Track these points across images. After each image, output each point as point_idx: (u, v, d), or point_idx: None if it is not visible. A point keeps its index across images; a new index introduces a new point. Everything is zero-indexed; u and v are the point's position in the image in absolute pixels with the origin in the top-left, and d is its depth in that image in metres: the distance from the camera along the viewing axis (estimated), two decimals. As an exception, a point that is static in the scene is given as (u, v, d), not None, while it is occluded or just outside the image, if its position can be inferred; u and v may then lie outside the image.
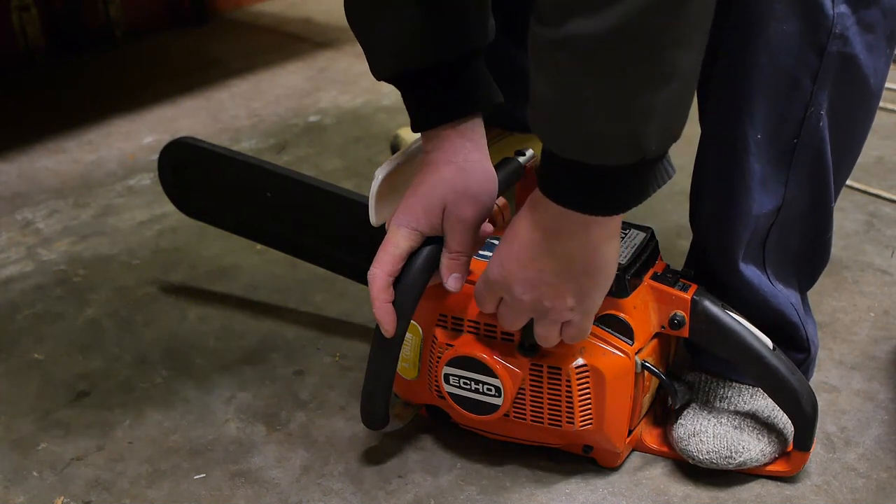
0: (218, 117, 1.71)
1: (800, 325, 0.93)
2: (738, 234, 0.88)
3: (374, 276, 0.83)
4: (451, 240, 0.83)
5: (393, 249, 0.83)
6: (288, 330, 1.14)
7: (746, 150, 0.84)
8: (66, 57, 1.97)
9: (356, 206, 1.01)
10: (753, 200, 0.86)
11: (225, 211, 1.13)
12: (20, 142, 1.63)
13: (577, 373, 0.84)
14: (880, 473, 0.90)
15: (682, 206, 1.37)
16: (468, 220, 0.82)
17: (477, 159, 0.84)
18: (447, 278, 0.84)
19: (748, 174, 0.85)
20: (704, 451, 0.88)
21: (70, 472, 0.95)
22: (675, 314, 0.87)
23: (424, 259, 0.84)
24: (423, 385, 0.92)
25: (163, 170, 1.15)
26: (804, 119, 0.83)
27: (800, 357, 0.95)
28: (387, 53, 0.84)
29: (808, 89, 0.82)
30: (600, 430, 0.86)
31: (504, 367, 0.85)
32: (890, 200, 1.34)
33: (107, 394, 1.05)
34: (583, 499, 0.89)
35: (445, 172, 0.83)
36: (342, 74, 1.86)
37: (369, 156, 1.54)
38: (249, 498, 0.91)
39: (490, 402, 0.86)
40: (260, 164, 1.08)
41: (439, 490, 0.91)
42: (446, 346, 0.88)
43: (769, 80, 0.82)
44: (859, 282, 1.18)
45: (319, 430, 0.99)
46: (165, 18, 2.12)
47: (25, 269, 1.28)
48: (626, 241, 0.89)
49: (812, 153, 0.85)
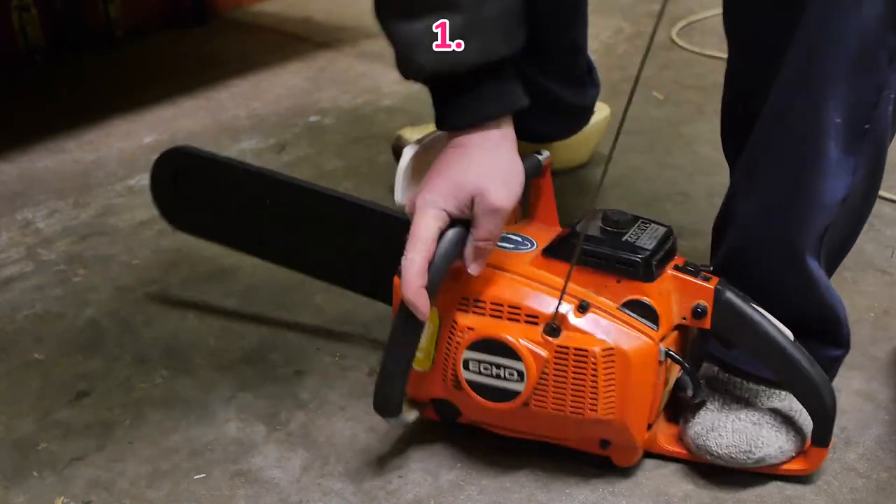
0: (218, 117, 1.71)
1: (843, 320, 0.93)
2: (808, 228, 0.86)
3: (411, 262, 0.81)
4: (481, 227, 0.82)
5: (425, 233, 0.82)
6: (288, 330, 1.14)
7: (826, 135, 0.82)
8: (66, 57, 1.97)
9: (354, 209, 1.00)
10: (828, 189, 0.84)
11: (222, 223, 1.11)
12: (20, 142, 1.63)
13: (603, 356, 0.83)
14: (880, 473, 0.90)
15: (682, 205, 1.37)
16: (501, 208, 0.82)
17: (507, 146, 0.83)
18: (471, 265, 0.84)
19: (825, 160, 0.83)
20: (724, 446, 0.88)
21: (70, 472, 0.95)
22: (697, 304, 0.86)
23: (452, 244, 0.83)
24: (437, 376, 0.90)
25: (157, 183, 1.13)
26: (877, 103, 0.82)
27: (837, 354, 0.94)
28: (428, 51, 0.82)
29: (885, 71, 0.81)
30: (622, 420, 0.85)
31: (529, 350, 0.84)
32: (890, 200, 1.34)
33: (107, 394, 1.05)
34: (582, 498, 0.89)
35: (476, 156, 0.82)
36: (342, 74, 1.86)
37: (369, 156, 1.54)
38: (249, 498, 0.91)
39: (511, 388, 0.85)
40: (258, 171, 1.07)
41: (439, 490, 0.91)
42: (468, 330, 0.86)
43: (853, 62, 0.80)
44: (859, 282, 1.18)
45: (319, 430, 0.99)
46: (165, 18, 2.12)
47: (25, 269, 1.28)
48: (649, 232, 0.89)
49: (878, 140, 0.84)
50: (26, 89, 1.86)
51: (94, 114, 1.72)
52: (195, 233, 1.14)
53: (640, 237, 0.88)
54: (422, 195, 0.83)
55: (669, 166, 1.46)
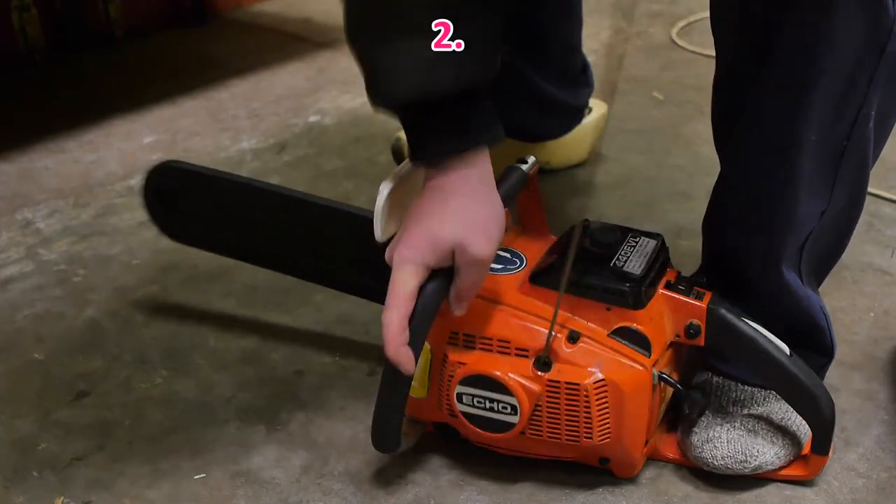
0: (218, 117, 1.71)
1: (826, 328, 0.93)
2: (784, 239, 0.86)
3: (389, 321, 0.79)
4: (464, 278, 0.81)
5: (402, 289, 0.79)
6: (288, 330, 1.14)
7: (800, 151, 0.82)
8: (66, 57, 1.97)
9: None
10: (802, 203, 0.84)
11: (217, 232, 1.10)
12: (20, 142, 1.63)
13: (595, 388, 0.82)
14: (880, 473, 0.90)
15: (683, 205, 1.37)
16: (483, 259, 0.80)
17: (485, 190, 0.81)
18: (456, 309, 0.82)
19: (799, 176, 0.83)
20: (719, 458, 0.88)
21: (70, 472, 0.95)
22: (690, 323, 0.86)
23: (433, 299, 0.81)
24: (433, 403, 0.90)
25: (148, 195, 1.12)
26: (856, 120, 0.82)
27: (823, 360, 0.94)
28: (407, 76, 0.77)
29: (864, 90, 0.80)
30: (619, 444, 0.85)
31: (520, 385, 0.83)
32: (890, 200, 1.34)
33: (107, 394, 1.05)
34: (582, 499, 0.89)
35: (454, 203, 0.79)
36: (342, 74, 1.86)
37: (369, 156, 1.54)
38: (249, 498, 0.91)
39: (506, 420, 0.84)
40: (248, 182, 1.07)
41: (439, 490, 0.91)
42: (458, 365, 0.85)
43: (830, 80, 0.79)
44: (859, 282, 1.18)
45: (319, 430, 0.99)
46: (165, 18, 2.12)
47: (25, 269, 1.28)
48: (638, 249, 0.87)
49: (859, 155, 0.84)
50: (26, 89, 1.86)
51: (94, 114, 1.72)
52: (191, 244, 1.14)
53: (629, 258, 0.86)
54: (399, 250, 0.80)
55: (669, 166, 1.46)
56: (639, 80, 1.76)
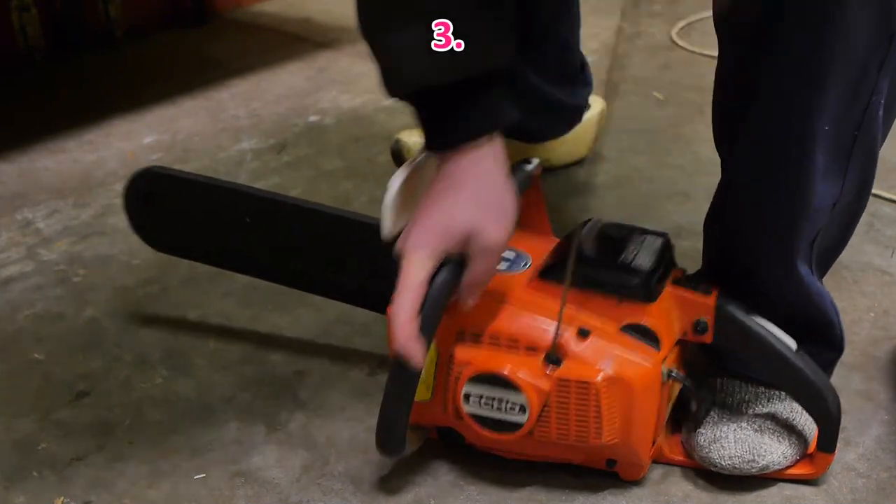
0: (218, 117, 1.71)
1: (837, 323, 0.92)
2: (799, 233, 0.86)
3: (398, 311, 0.77)
4: (477, 266, 0.79)
5: (414, 277, 0.77)
6: (288, 330, 1.14)
7: (813, 141, 0.81)
8: (66, 57, 1.97)
9: None
10: (816, 195, 0.83)
11: (202, 241, 1.09)
12: (20, 142, 1.63)
13: (605, 385, 0.81)
14: (880, 473, 0.90)
15: (683, 205, 1.37)
16: (496, 246, 0.79)
17: (499, 177, 0.79)
18: (466, 300, 0.81)
19: (813, 167, 0.82)
20: (726, 458, 0.88)
21: (70, 472, 0.95)
22: (699, 320, 0.85)
23: (446, 285, 0.79)
24: (437, 406, 0.88)
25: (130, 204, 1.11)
26: (866, 108, 0.81)
27: (832, 356, 0.94)
28: (410, 66, 0.76)
29: (874, 77, 0.80)
30: (627, 443, 0.84)
31: (529, 383, 0.82)
32: (890, 200, 1.34)
33: (107, 394, 1.05)
34: (582, 499, 0.89)
35: (467, 189, 0.78)
36: (342, 74, 1.86)
37: (369, 156, 1.54)
38: (249, 498, 0.91)
39: (514, 420, 0.83)
40: (235, 188, 1.06)
41: (439, 490, 0.91)
42: (466, 364, 0.84)
43: (842, 68, 0.79)
44: (859, 282, 1.18)
45: (319, 431, 0.99)
46: (165, 18, 2.12)
47: (25, 269, 1.28)
48: (646, 246, 0.87)
49: (868, 145, 0.84)
50: (26, 89, 1.86)
51: (94, 114, 1.72)
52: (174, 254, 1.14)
53: (638, 253, 0.86)
54: (411, 237, 0.78)
55: (669, 166, 1.46)
56: (639, 80, 1.76)
